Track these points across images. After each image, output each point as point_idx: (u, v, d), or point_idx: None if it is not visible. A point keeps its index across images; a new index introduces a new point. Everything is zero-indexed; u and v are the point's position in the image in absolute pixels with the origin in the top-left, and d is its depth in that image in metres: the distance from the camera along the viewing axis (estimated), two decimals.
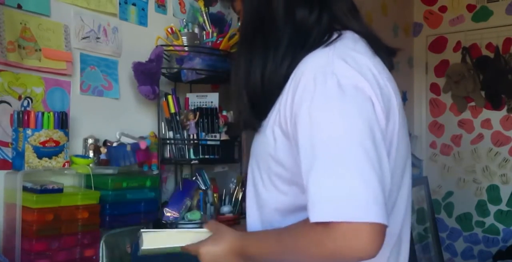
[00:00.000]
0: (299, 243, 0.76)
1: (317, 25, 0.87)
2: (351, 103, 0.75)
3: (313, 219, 0.71)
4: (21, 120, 1.27)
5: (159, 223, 1.56)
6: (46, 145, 1.29)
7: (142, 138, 1.57)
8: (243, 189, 1.75)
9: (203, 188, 1.71)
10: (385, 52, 0.91)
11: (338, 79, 0.75)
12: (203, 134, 1.65)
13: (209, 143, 1.65)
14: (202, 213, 1.65)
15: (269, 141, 0.86)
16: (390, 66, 0.92)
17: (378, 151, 0.73)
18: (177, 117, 1.64)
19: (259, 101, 0.89)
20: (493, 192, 3.40)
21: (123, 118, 1.61)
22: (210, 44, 1.69)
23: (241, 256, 0.87)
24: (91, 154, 1.44)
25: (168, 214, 1.59)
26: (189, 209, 1.65)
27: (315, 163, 0.73)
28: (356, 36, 0.87)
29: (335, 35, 0.85)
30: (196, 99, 1.73)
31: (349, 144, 0.72)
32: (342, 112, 0.74)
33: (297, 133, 0.78)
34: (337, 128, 0.73)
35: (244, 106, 0.92)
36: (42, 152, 1.28)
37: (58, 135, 1.31)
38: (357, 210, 0.68)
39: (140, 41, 1.67)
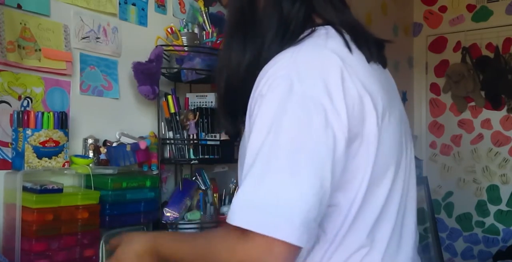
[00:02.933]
0: (212, 246, 0.72)
1: (295, 18, 0.83)
2: (297, 111, 0.69)
3: (231, 221, 0.65)
4: (21, 120, 1.27)
5: (159, 223, 1.56)
6: (46, 145, 1.29)
7: (142, 138, 1.57)
8: None
9: (203, 188, 1.71)
10: (374, 45, 0.86)
11: (291, 84, 0.70)
12: (203, 134, 1.65)
13: (209, 143, 1.64)
14: (202, 213, 1.65)
15: (245, 143, 0.80)
16: (381, 60, 0.87)
17: (316, 161, 0.67)
18: (177, 117, 1.64)
19: (234, 89, 0.86)
20: (493, 192, 3.40)
21: (123, 118, 1.61)
22: (210, 44, 1.69)
23: (156, 255, 0.85)
24: (91, 154, 1.44)
25: (168, 214, 1.59)
26: (189, 209, 1.65)
27: (251, 168, 0.68)
28: (331, 32, 0.81)
29: (306, 32, 0.80)
30: (196, 99, 1.73)
31: (285, 151, 0.67)
32: (286, 120, 0.68)
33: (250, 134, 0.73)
34: (278, 136, 0.68)
35: (219, 102, 0.89)
36: (42, 152, 1.28)
37: (58, 135, 1.31)
38: (281, 226, 0.62)
39: (140, 41, 1.67)
